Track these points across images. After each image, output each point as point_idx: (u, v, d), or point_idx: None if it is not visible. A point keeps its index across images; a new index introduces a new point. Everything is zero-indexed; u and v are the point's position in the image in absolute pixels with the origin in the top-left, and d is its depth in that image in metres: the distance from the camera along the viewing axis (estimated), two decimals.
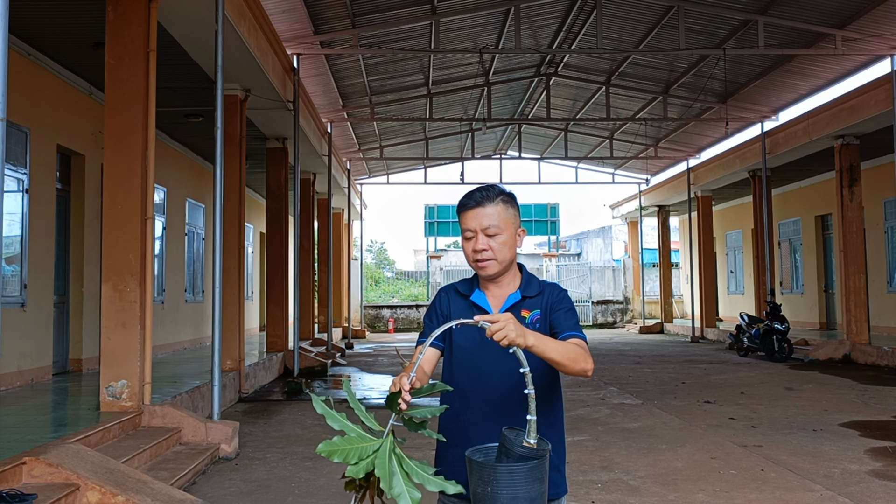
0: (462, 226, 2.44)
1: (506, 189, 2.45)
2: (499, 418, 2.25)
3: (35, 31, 8.64)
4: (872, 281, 17.39)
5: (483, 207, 2.39)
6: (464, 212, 2.42)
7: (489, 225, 2.38)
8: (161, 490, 5.15)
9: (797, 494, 5.57)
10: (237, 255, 10.68)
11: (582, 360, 2.23)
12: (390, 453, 2.03)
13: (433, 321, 2.49)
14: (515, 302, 2.42)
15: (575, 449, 7.17)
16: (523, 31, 15.39)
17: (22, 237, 8.85)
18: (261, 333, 19.53)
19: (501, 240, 2.38)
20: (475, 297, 2.45)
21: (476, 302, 2.44)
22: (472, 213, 2.40)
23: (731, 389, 11.24)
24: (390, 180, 27.62)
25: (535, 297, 2.43)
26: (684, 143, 23.05)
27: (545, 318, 2.40)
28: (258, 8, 9.85)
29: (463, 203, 2.44)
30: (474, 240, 2.39)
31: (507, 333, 2.04)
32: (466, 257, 2.46)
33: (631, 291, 30.52)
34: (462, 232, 2.44)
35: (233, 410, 9.57)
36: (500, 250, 2.38)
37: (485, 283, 2.47)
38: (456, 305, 2.47)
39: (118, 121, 6.97)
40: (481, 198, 2.40)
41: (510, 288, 2.45)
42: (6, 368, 8.40)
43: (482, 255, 2.38)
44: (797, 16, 13.52)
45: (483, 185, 2.50)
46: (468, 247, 2.42)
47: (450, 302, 2.49)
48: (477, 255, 2.39)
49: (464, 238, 2.44)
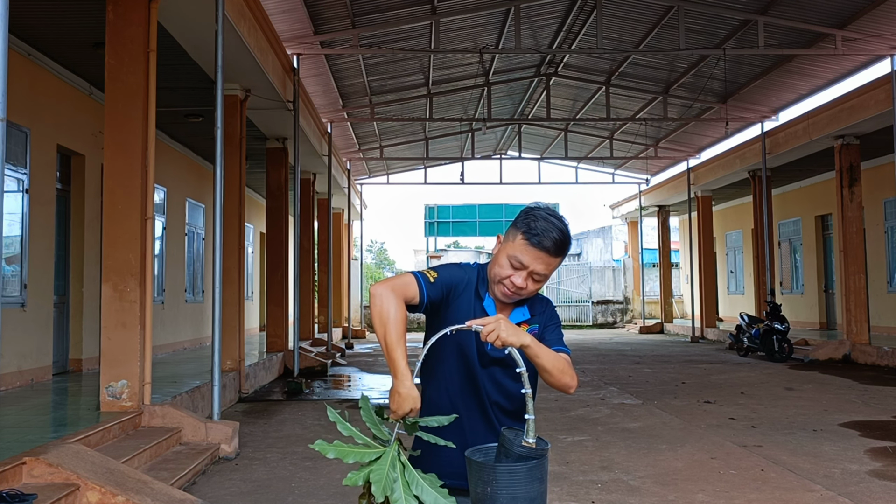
0: (517, 251, 2.24)
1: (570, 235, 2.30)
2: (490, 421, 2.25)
3: (35, 31, 8.64)
4: (872, 281, 17.39)
5: (550, 256, 2.24)
6: (531, 246, 2.23)
7: (543, 273, 2.26)
8: (161, 490, 5.15)
9: (797, 494, 5.57)
10: (237, 255, 10.68)
11: (569, 373, 2.28)
12: (393, 461, 2.02)
13: (444, 282, 2.29)
14: (523, 320, 2.36)
15: (575, 449, 7.17)
16: (523, 31, 15.39)
17: (22, 237, 8.85)
18: (261, 333, 19.53)
19: (540, 286, 2.30)
20: (487, 304, 2.34)
21: (487, 310, 2.33)
22: (537, 254, 2.23)
23: (731, 389, 11.24)
24: (390, 180, 27.63)
25: (537, 316, 2.40)
26: (684, 143, 23.05)
27: (541, 334, 2.37)
28: (258, 8, 9.85)
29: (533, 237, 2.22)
30: (519, 273, 2.25)
31: (500, 334, 2.04)
32: (495, 274, 2.29)
33: (631, 291, 30.52)
34: (509, 253, 2.26)
35: (233, 410, 9.57)
36: (531, 293, 2.30)
37: (493, 291, 2.36)
38: (470, 297, 2.33)
39: (118, 121, 6.97)
40: (554, 246, 2.23)
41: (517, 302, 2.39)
42: (6, 368, 8.40)
43: (518, 291, 2.27)
44: (797, 16, 13.52)
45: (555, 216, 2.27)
46: (507, 271, 2.26)
47: (467, 287, 2.33)
48: (513, 289, 2.27)
49: (507, 258, 2.26)
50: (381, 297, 2.15)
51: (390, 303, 2.14)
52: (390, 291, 2.16)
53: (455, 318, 2.25)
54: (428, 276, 2.27)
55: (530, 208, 2.30)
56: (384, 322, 2.13)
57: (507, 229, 2.33)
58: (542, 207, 2.30)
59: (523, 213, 2.29)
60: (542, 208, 2.29)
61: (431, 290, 2.25)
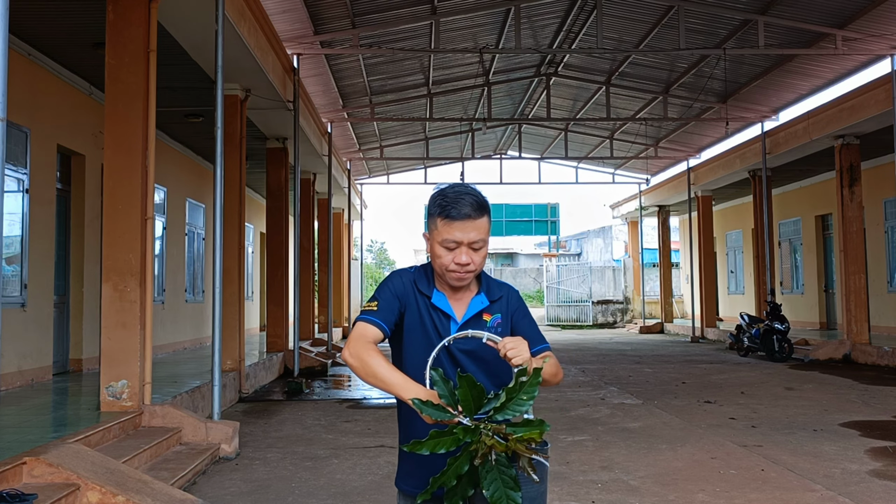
0: (444, 234, 2.24)
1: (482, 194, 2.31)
2: None
3: (35, 31, 8.64)
4: (872, 281, 17.39)
5: (474, 220, 2.24)
6: (452, 220, 2.23)
7: (478, 239, 2.26)
8: (161, 490, 5.15)
9: (797, 494, 5.57)
10: (237, 255, 10.68)
11: (559, 373, 2.36)
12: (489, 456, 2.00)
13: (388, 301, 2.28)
14: (482, 308, 2.34)
15: (575, 449, 7.17)
16: (523, 31, 15.39)
17: (22, 237, 8.85)
18: (261, 333, 19.52)
19: (483, 253, 2.29)
20: (436, 299, 2.32)
21: (438, 306, 2.32)
22: (462, 225, 2.23)
23: (731, 389, 11.23)
24: (390, 180, 27.62)
25: (497, 301, 2.37)
26: (684, 143, 23.05)
27: (507, 323, 2.36)
28: (258, 8, 9.85)
29: (450, 212, 2.24)
30: (458, 252, 2.25)
31: (523, 355, 2.11)
32: (439, 266, 2.28)
33: (631, 291, 30.52)
34: (440, 240, 2.25)
35: (233, 410, 9.57)
36: (481, 264, 2.29)
37: (443, 284, 2.34)
38: (420, 302, 2.32)
39: (118, 121, 6.97)
40: (472, 210, 2.24)
41: (471, 290, 2.36)
42: (6, 368, 8.40)
43: (466, 268, 2.26)
44: (797, 16, 13.52)
45: (460, 186, 2.29)
46: (447, 257, 2.25)
47: (413, 293, 2.32)
48: (461, 269, 2.26)
49: (440, 245, 2.25)
50: (354, 358, 2.18)
51: (365, 356, 2.16)
52: (358, 348, 2.19)
53: (411, 320, 2.30)
54: (371, 309, 2.28)
55: (433, 194, 2.31)
56: (371, 374, 2.15)
57: (426, 224, 2.38)
58: (442, 186, 2.33)
59: (430, 200, 2.31)
60: (439, 188, 2.32)
61: (384, 316, 2.27)
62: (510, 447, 1.97)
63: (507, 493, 1.97)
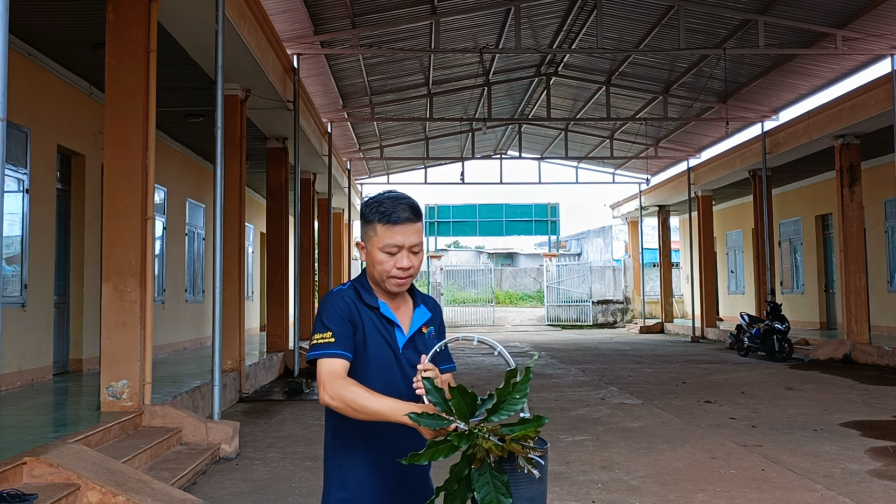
0: (386, 239, 2.26)
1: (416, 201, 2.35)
2: (409, 430, 2.15)
3: (35, 31, 8.64)
4: (873, 281, 17.39)
5: (414, 224, 2.28)
6: (393, 225, 2.25)
7: (417, 242, 2.29)
8: (161, 490, 5.15)
9: (798, 494, 5.57)
10: (237, 255, 10.68)
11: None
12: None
13: (342, 327, 2.23)
14: (426, 320, 2.38)
15: (575, 449, 7.17)
16: (523, 31, 15.39)
17: (22, 237, 8.86)
18: (261, 333, 19.53)
19: (421, 257, 2.32)
20: (384, 309, 2.32)
21: (387, 315, 2.32)
22: (403, 229, 2.26)
23: (731, 389, 11.24)
24: (391, 180, 27.62)
25: (433, 314, 2.43)
26: (684, 142, 23.05)
27: (439, 335, 2.41)
28: (258, 8, 9.85)
29: (391, 217, 2.26)
30: (399, 256, 2.27)
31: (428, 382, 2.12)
32: (379, 273, 2.29)
33: (631, 291, 30.52)
34: (380, 245, 2.27)
35: (233, 410, 9.58)
36: (418, 268, 2.31)
37: (381, 293, 2.35)
38: (366, 316, 2.29)
39: (118, 121, 6.98)
40: (412, 214, 2.27)
41: (406, 301, 2.39)
42: (7, 368, 8.40)
43: (408, 272, 2.28)
44: (797, 16, 13.52)
45: (394, 193, 2.33)
46: (389, 263, 2.27)
47: (357, 310, 2.28)
48: (402, 273, 2.28)
49: (381, 251, 2.27)
50: (336, 400, 2.13)
51: (346, 394, 2.12)
52: (336, 389, 2.14)
53: (363, 338, 2.26)
54: (326, 342, 2.21)
55: (365, 203, 2.33)
56: (360, 409, 2.12)
57: (362, 234, 2.35)
58: (370, 198, 2.34)
59: (365, 208, 2.32)
60: (370, 198, 2.33)
61: (343, 345, 2.22)
62: (506, 448, 1.98)
63: (499, 499, 1.98)
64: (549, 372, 13.74)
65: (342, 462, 2.30)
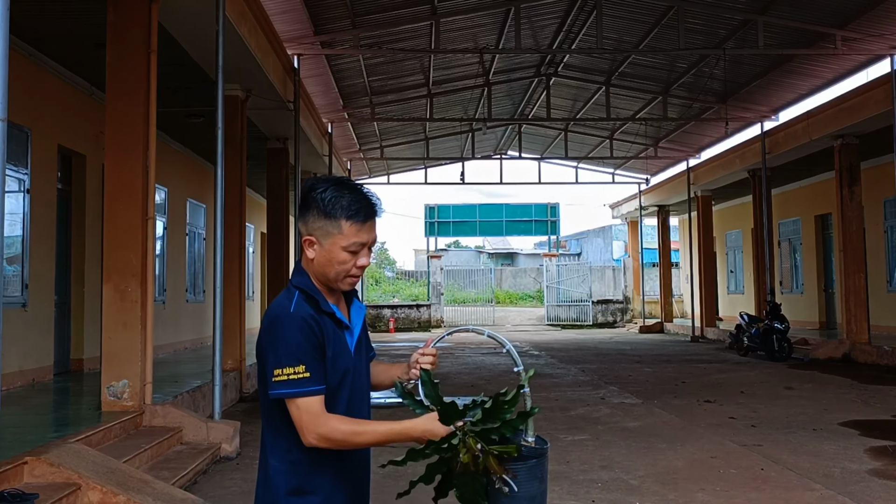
0: (352, 237, 2.08)
1: None
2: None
3: (36, 31, 8.65)
4: (872, 280, 17.38)
5: (377, 218, 2.14)
6: (363, 223, 2.09)
7: (376, 237, 2.17)
8: (162, 490, 5.17)
9: (797, 493, 5.59)
10: (238, 255, 10.70)
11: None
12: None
13: (311, 356, 2.03)
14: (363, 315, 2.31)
15: (575, 448, 7.18)
16: (523, 32, 15.39)
17: (23, 237, 8.87)
18: None
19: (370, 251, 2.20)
20: (339, 313, 2.17)
21: (340, 317, 2.16)
22: (370, 227, 2.11)
23: (731, 389, 11.25)
24: (391, 180, 27.61)
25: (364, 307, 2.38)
26: (684, 143, 23.06)
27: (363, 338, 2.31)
28: (259, 8, 9.86)
29: (360, 215, 2.08)
30: (360, 254, 2.12)
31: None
32: (337, 272, 2.11)
33: (631, 291, 30.52)
34: (345, 244, 2.08)
35: (234, 410, 9.58)
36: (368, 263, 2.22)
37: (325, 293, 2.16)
38: (327, 328, 2.11)
39: (119, 121, 6.99)
40: (378, 208, 2.13)
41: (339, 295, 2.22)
42: (8, 368, 8.41)
43: (363, 270, 2.17)
44: (797, 16, 13.53)
45: (347, 182, 2.14)
46: (350, 262, 2.10)
47: (319, 328, 2.07)
48: (360, 272, 2.16)
49: (344, 250, 2.08)
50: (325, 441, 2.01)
51: (334, 434, 2.01)
52: (323, 430, 2.00)
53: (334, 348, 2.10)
54: (301, 377, 2.00)
55: (318, 193, 2.09)
56: (354, 443, 2.05)
57: (312, 229, 2.10)
58: (321, 187, 2.10)
59: (319, 202, 2.08)
60: (322, 188, 2.10)
61: (318, 378, 2.03)
62: (482, 463, 1.99)
63: (476, 500, 2.01)
64: (549, 371, 13.76)
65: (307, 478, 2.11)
